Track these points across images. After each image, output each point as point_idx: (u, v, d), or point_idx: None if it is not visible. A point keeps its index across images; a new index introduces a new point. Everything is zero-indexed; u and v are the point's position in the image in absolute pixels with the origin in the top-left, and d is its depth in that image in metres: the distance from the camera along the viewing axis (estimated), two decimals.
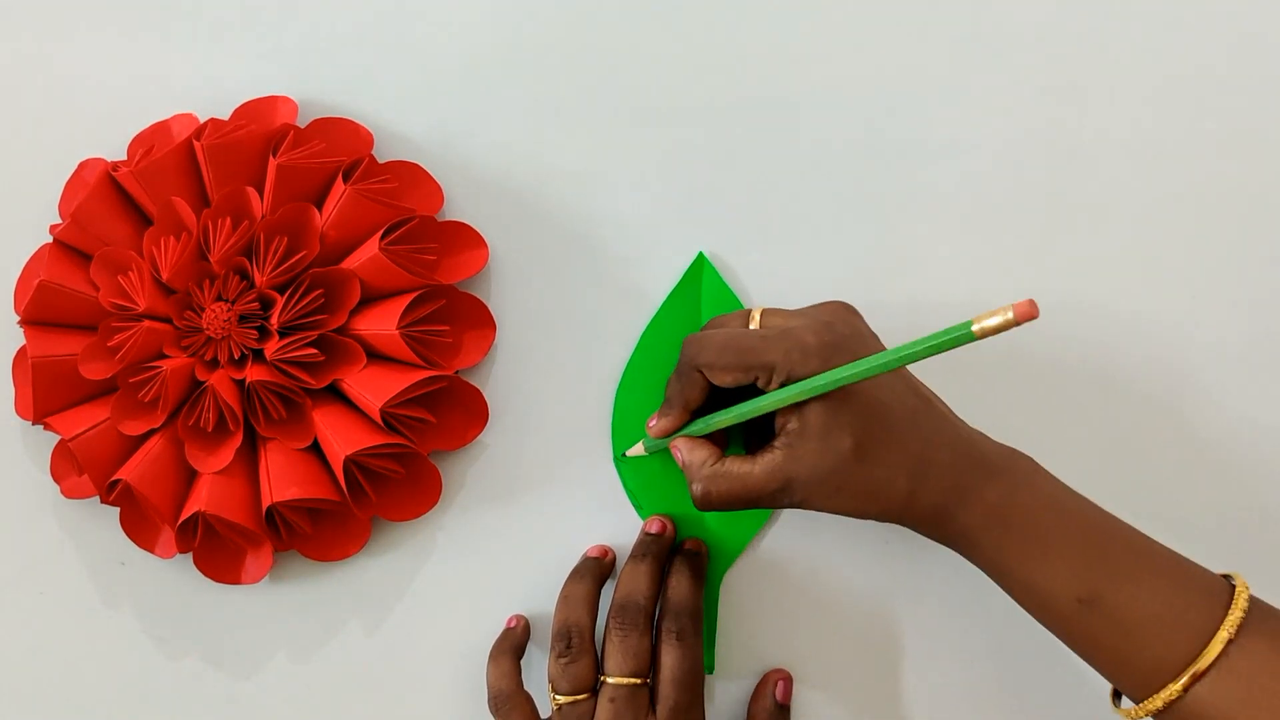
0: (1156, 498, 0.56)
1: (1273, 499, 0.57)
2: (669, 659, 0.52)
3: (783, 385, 0.48)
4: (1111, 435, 0.57)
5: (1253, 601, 0.46)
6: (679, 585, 0.54)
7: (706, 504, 0.50)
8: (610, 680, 0.52)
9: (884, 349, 0.50)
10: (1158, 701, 0.46)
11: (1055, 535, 0.48)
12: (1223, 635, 0.45)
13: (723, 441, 0.53)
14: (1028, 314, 0.39)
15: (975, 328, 0.40)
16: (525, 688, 0.54)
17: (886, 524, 0.50)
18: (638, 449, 0.56)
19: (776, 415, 0.49)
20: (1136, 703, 0.47)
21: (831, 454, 0.48)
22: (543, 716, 0.54)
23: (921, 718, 0.57)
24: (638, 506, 0.57)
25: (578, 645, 0.53)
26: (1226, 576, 0.48)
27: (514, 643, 0.55)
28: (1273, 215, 0.58)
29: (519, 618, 0.56)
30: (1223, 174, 0.58)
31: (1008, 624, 0.56)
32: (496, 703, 0.54)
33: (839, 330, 0.49)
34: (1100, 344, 0.57)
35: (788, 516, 0.57)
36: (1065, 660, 0.50)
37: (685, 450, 0.52)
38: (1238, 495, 0.57)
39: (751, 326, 0.52)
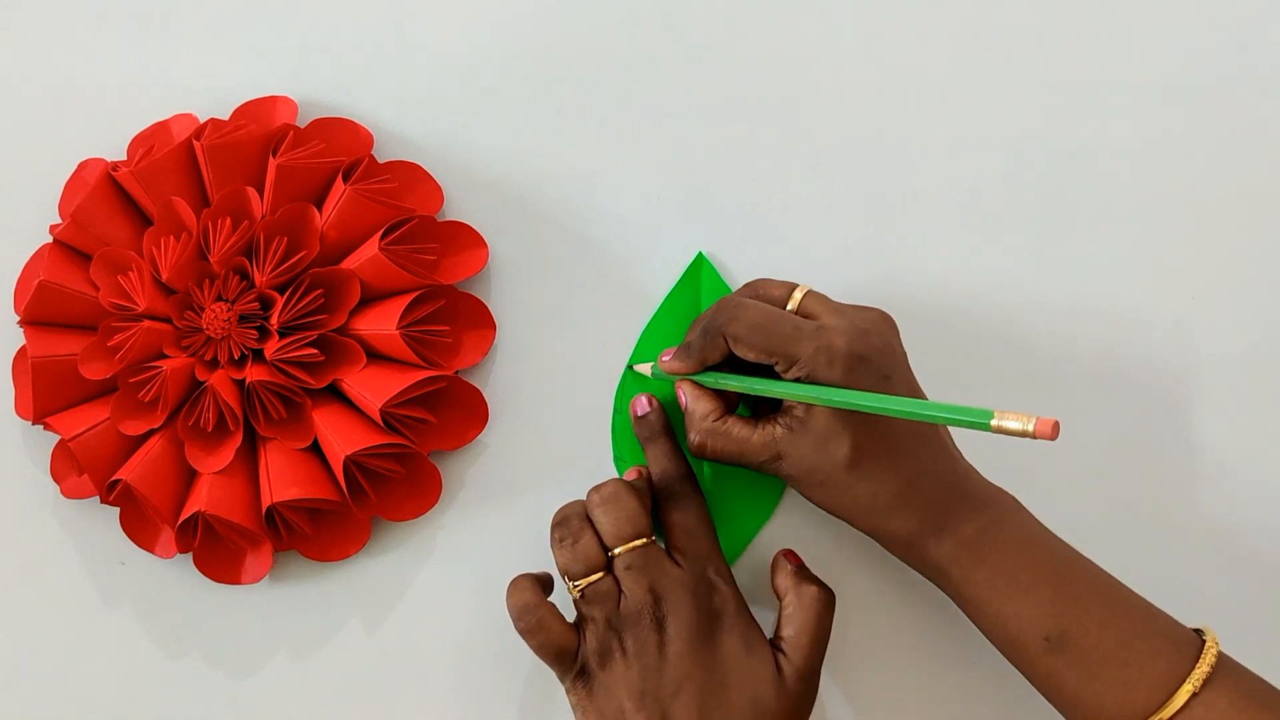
0: (1155, 499, 0.56)
1: (1269, 509, 0.57)
2: (674, 520, 0.53)
3: (799, 380, 0.49)
4: (1110, 435, 0.57)
5: (1221, 657, 0.46)
6: (656, 459, 0.54)
7: (700, 454, 0.52)
8: (618, 551, 0.51)
9: (910, 372, 0.51)
10: None
11: (1027, 573, 0.48)
12: (1188, 688, 0.45)
13: (729, 396, 0.53)
14: (1046, 434, 0.40)
15: (993, 423, 0.41)
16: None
17: None
18: (645, 368, 0.56)
19: None
20: None
21: (825, 455, 0.49)
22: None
23: (921, 716, 0.57)
24: None
25: (576, 525, 0.52)
26: (1198, 631, 0.48)
27: (530, 575, 0.53)
28: (1273, 215, 0.58)
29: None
30: (1224, 174, 0.58)
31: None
32: (521, 614, 0.51)
33: (872, 342, 0.49)
34: (1101, 343, 0.57)
35: (787, 516, 0.57)
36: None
37: (691, 398, 0.53)
38: (1235, 503, 0.57)
39: (790, 307, 0.52)
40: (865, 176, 0.58)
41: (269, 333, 0.53)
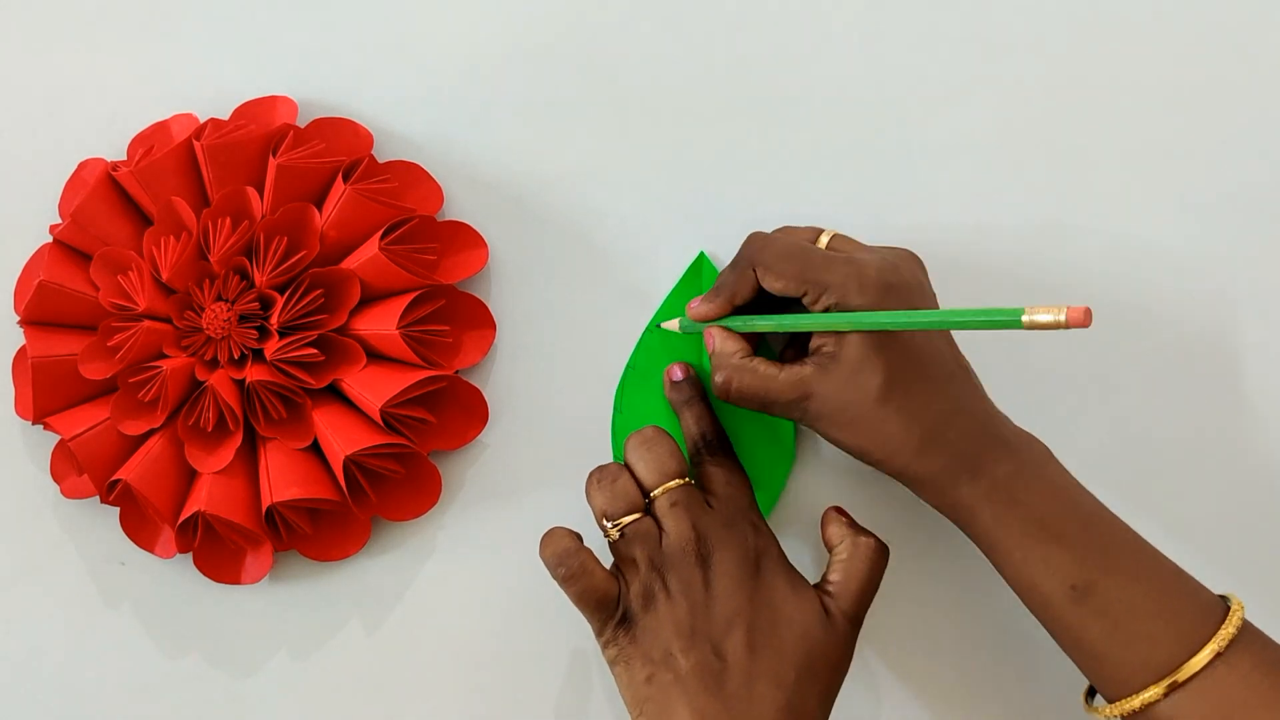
0: (1158, 493, 0.57)
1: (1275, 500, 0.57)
2: (711, 472, 0.53)
3: (829, 309, 0.48)
4: (1115, 427, 0.57)
5: (1245, 623, 0.46)
6: (696, 420, 0.54)
7: (725, 394, 0.51)
8: (658, 492, 0.51)
9: (934, 304, 0.51)
10: (1135, 702, 0.46)
11: (1058, 520, 0.48)
12: (1212, 647, 0.45)
13: (755, 346, 0.53)
14: (1079, 321, 0.40)
15: (1025, 318, 0.41)
16: None
17: (889, 498, 0.50)
18: (673, 324, 0.56)
19: (814, 335, 0.50)
20: (1111, 702, 0.47)
21: (857, 387, 0.48)
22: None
23: (921, 714, 0.57)
24: None
25: (614, 469, 0.52)
26: (1223, 597, 0.47)
27: (563, 527, 0.52)
28: (1273, 214, 0.58)
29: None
30: (1225, 174, 0.58)
31: (1007, 623, 0.56)
32: (561, 560, 0.50)
33: (902, 274, 0.49)
34: (1100, 344, 0.57)
35: (790, 511, 0.57)
36: (1060, 659, 0.50)
37: (719, 339, 0.52)
38: (1242, 495, 0.57)
39: (819, 245, 0.52)
40: (865, 176, 0.58)
41: (269, 333, 0.53)
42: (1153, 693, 0.45)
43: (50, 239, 0.57)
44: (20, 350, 0.57)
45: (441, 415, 0.56)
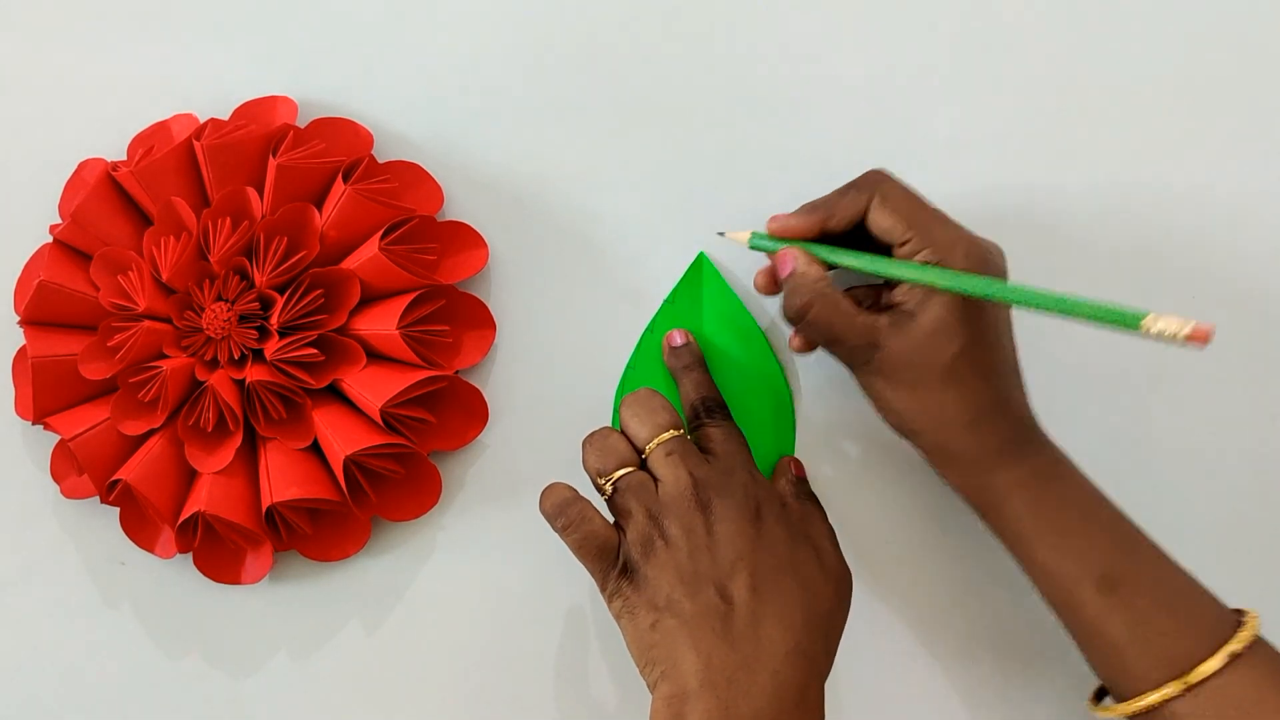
0: (1156, 498, 0.57)
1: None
2: (709, 433, 0.52)
3: (924, 264, 0.48)
4: (1114, 433, 0.57)
5: (1258, 637, 0.46)
6: (694, 386, 0.54)
7: (799, 316, 0.50)
8: (652, 443, 0.51)
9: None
10: (1150, 699, 0.46)
11: (1087, 515, 0.48)
12: (1231, 647, 0.45)
13: None
14: (1200, 339, 0.40)
15: (1145, 323, 0.41)
16: None
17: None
18: (742, 236, 0.54)
19: (895, 290, 0.49)
20: (1121, 700, 0.47)
21: (930, 351, 0.48)
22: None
23: (921, 714, 0.57)
24: None
25: (605, 430, 0.52)
26: (1237, 611, 0.48)
27: (562, 482, 0.53)
28: (1273, 213, 0.58)
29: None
30: (1225, 173, 0.58)
31: (1008, 624, 0.56)
32: (561, 509, 0.50)
33: (994, 261, 0.49)
34: (1101, 343, 0.57)
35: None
36: (1060, 660, 0.50)
37: (802, 261, 0.51)
38: (1239, 499, 0.57)
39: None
40: None
41: (269, 333, 0.53)
42: (1168, 690, 0.45)
43: (50, 239, 0.57)
44: (20, 350, 0.57)
45: (441, 415, 0.56)
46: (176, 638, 0.58)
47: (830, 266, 0.51)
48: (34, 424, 0.56)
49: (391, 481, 0.56)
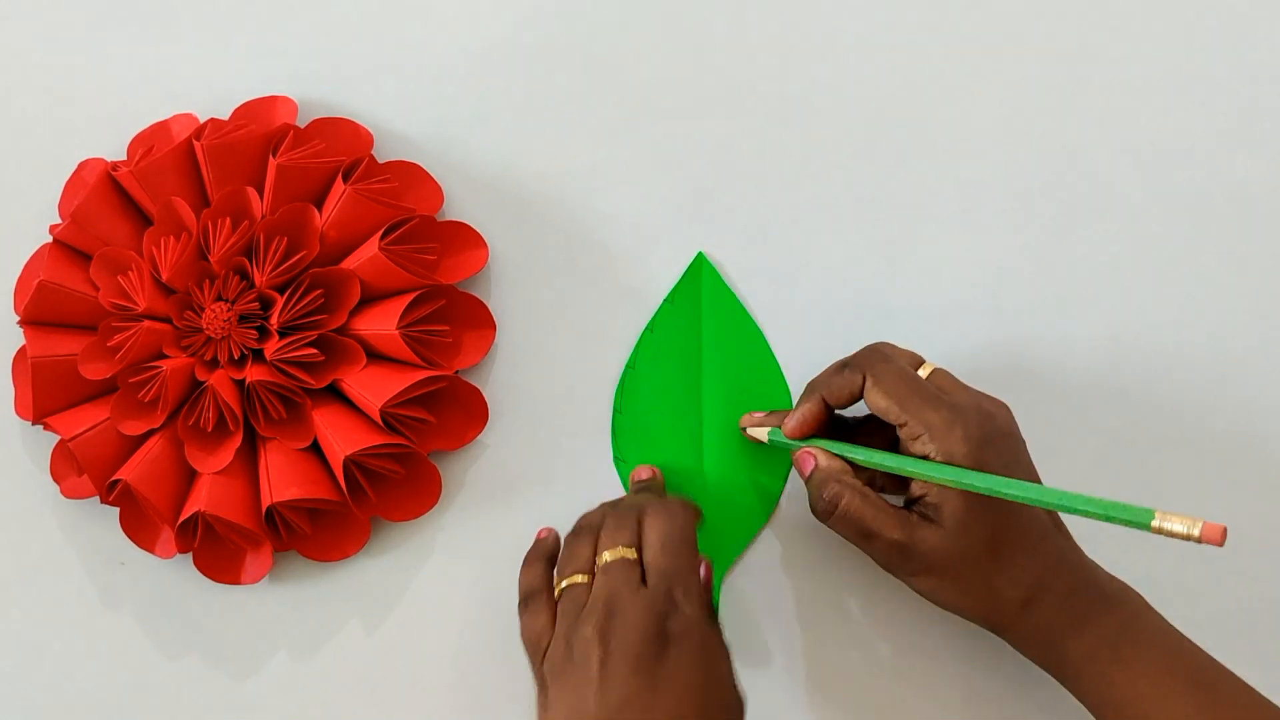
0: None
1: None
2: (650, 531, 0.50)
3: (924, 454, 0.48)
4: (1114, 438, 0.57)
5: None
6: (638, 488, 0.54)
7: (828, 511, 0.49)
8: (605, 554, 0.49)
9: (1028, 457, 0.49)
10: None
11: (1168, 676, 0.47)
12: None
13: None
14: (1213, 539, 0.39)
15: (1154, 523, 0.41)
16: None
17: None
18: (760, 434, 0.54)
19: (912, 482, 0.49)
20: None
21: (967, 541, 0.47)
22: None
23: (922, 714, 0.57)
24: None
25: (586, 529, 0.51)
26: None
27: (546, 551, 0.53)
28: (1273, 216, 0.58)
29: (550, 530, 0.55)
30: (1226, 172, 0.58)
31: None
32: (526, 600, 0.51)
33: (998, 425, 0.48)
34: (1102, 343, 0.57)
35: (785, 516, 0.57)
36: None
37: (823, 457, 0.50)
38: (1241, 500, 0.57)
39: (921, 374, 0.50)
40: (865, 176, 0.58)
41: (269, 333, 0.53)
42: None
43: (50, 239, 0.57)
44: (20, 350, 0.57)
45: (441, 415, 0.56)
46: (176, 638, 0.57)
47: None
48: (34, 424, 0.56)
49: (391, 481, 0.56)
